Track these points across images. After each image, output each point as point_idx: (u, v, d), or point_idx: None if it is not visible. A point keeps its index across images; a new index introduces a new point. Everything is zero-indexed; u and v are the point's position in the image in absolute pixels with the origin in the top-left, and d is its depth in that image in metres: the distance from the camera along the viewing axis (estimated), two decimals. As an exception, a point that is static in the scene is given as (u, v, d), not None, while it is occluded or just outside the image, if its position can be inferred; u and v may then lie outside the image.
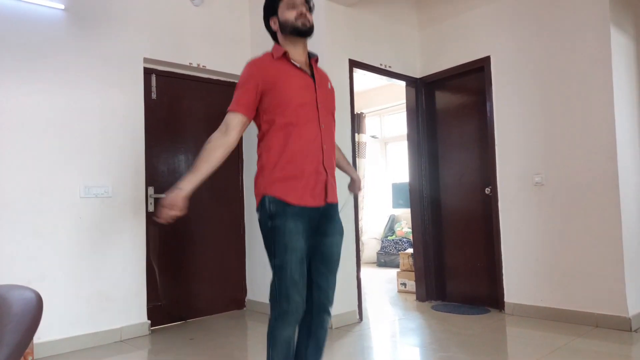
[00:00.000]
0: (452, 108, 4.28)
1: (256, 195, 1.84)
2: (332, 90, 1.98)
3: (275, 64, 1.85)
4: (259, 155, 1.86)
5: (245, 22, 4.20)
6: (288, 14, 1.85)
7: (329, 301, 1.87)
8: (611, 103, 3.20)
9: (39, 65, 3.12)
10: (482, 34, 3.93)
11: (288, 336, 1.73)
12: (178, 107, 3.92)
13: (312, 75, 1.89)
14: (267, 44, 1.99)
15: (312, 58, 1.95)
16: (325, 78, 1.98)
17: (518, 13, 3.70)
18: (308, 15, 1.87)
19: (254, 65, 1.86)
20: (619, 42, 3.32)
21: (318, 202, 1.80)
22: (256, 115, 1.86)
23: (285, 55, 1.86)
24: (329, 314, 1.88)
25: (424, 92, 4.41)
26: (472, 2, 4.00)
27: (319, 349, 1.87)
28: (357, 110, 7.01)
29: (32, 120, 3.08)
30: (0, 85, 2.98)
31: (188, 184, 1.71)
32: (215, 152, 1.74)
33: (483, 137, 3.98)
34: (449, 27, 4.19)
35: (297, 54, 1.89)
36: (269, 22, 1.95)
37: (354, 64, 3.81)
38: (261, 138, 1.86)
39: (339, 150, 2.20)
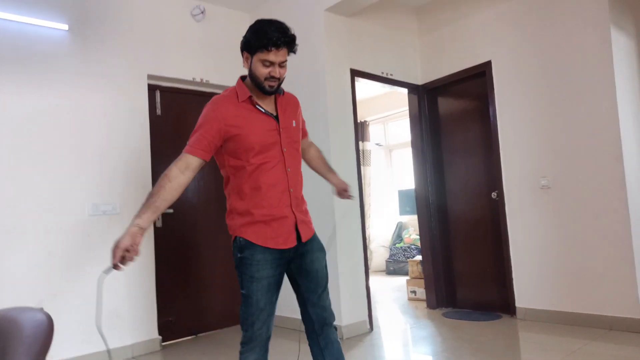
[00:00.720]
0: (455, 113, 4.28)
1: (231, 235, 1.86)
2: (296, 128, 1.92)
3: (239, 107, 1.81)
4: (227, 197, 1.86)
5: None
6: (260, 70, 1.77)
7: (327, 313, 1.87)
8: (614, 103, 3.19)
9: (44, 85, 3.17)
10: (483, 39, 3.94)
11: None
12: (183, 122, 3.95)
13: (277, 117, 1.85)
14: None
15: (277, 94, 1.89)
16: (291, 114, 1.92)
17: (517, 17, 3.71)
18: (280, 72, 1.79)
19: (217, 108, 1.80)
20: (619, 42, 3.31)
21: (289, 244, 1.80)
22: (219, 155, 1.84)
23: (250, 100, 1.82)
24: (330, 325, 1.88)
25: (427, 99, 4.42)
26: (471, 8, 4.02)
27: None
28: (360, 118, 7.02)
29: (38, 140, 3.12)
30: (5, 105, 3.02)
31: (147, 222, 1.64)
32: (174, 192, 1.72)
33: (487, 141, 3.97)
34: (449, 33, 4.21)
35: (261, 100, 1.85)
36: (242, 52, 1.87)
37: (355, 74, 3.83)
38: (227, 181, 1.86)
39: (320, 156, 2.18)
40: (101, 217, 3.30)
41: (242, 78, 1.89)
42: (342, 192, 2.14)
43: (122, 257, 1.57)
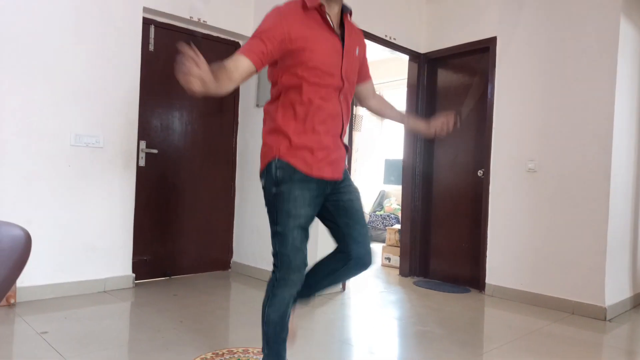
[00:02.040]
0: (454, 87, 4.24)
1: (263, 157, 1.71)
2: (359, 57, 1.79)
3: (305, 17, 1.63)
4: (273, 113, 1.69)
5: (251, -20, 4.07)
6: None
7: (368, 257, 1.75)
8: (612, 96, 3.19)
9: (35, 8, 3.00)
10: (490, 13, 3.86)
11: (287, 297, 1.69)
12: (176, 60, 3.82)
13: (342, 38, 1.70)
14: (273, 2, 1.81)
15: (345, 12, 1.73)
16: (355, 40, 1.77)
17: (530, -5, 3.63)
18: None
19: (282, 15, 1.62)
20: (627, 33, 3.28)
21: (333, 175, 1.70)
22: (273, 69, 1.68)
23: (320, 9, 1.64)
24: (363, 267, 1.76)
25: (427, 68, 4.35)
26: (484, -20, 3.92)
27: (333, 284, 1.85)
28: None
29: (23, 62, 2.99)
30: (-7, 22, 2.87)
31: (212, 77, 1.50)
32: (226, 83, 1.52)
33: (481, 119, 3.96)
34: (457, 3, 4.11)
35: (330, 7, 1.67)
36: None
37: (359, 33, 3.73)
38: (277, 96, 1.69)
39: (391, 106, 2.07)
40: (83, 148, 3.23)
41: None
42: (439, 126, 1.98)
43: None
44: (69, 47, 3.15)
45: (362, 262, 1.75)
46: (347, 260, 1.74)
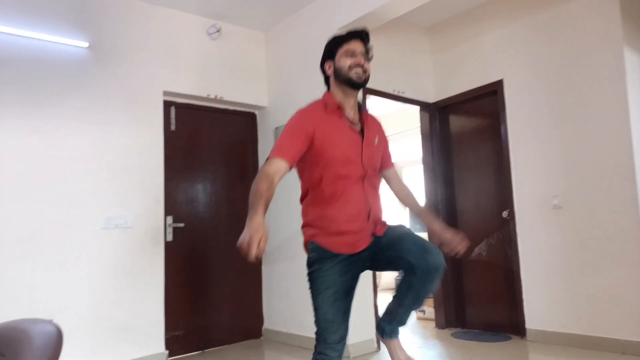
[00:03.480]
0: (467, 132, 4.28)
1: (304, 244, 1.86)
2: (378, 146, 1.92)
3: (327, 118, 1.81)
4: (304, 209, 1.86)
5: (261, 55, 4.32)
6: (344, 61, 1.81)
7: (430, 256, 1.62)
8: (627, 123, 3.17)
9: (63, 100, 3.26)
10: (494, 57, 3.96)
11: None
12: (197, 137, 4.02)
13: (362, 131, 1.85)
14: (284, 75, 1.95)
15: (362, 111, 1.91)
16: (374, 132, 1.93)
17: (529, 36, 3.73)
18: (365, 65, 1.82)
19: (308, 116, 1.80)
20: (632, 61, 3.30)
21: (361, 247, 1.77)
22: (299, 165, 1.82)
23: (339, 110, 1.83)
24: (432, 271, 1.62)
25: (438, 117, 4.43)
26: (483, 27, 4.05)
27: (417, 301, 1.73)
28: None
29: (56, 154, 3.19)
30: (27, 122, 3.11)
31: (262, 216, 1.55)
32: (271, 193, 1.64)
33: (499, 160, 3.96)
34: (461, 52, 4.24)
35: (347, 105, 1.86)
36: (324, 64, 1.92)
37: (367, 92, 3.87)
38: (305, 193, 1.85)
39: (414, 200, 2.10)
40: (113, 230, 3.36)
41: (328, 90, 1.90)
42: (446, 242, 1.89)
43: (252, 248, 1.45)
44: (96, 134, 3.36)
45: (427, 264, 1.62)
46: (414, 271, 1.64)
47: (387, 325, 1.82)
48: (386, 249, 1.78)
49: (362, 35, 1.87)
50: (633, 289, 3.10)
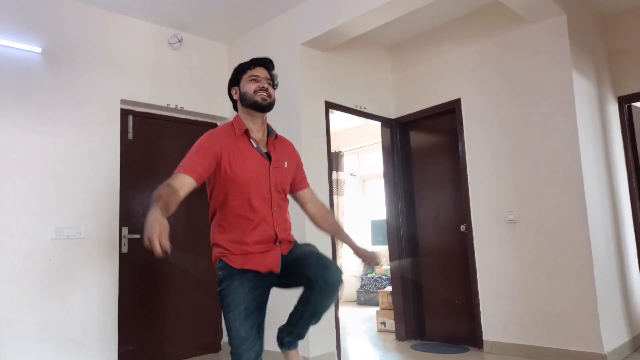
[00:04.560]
0: (427, 148, 4.38)
1: (212, 262, 1.92)
2: (288, 170, 1.97)
3: (235, 140, 1.86)
4: (212, 231, 1.90)
5: (223, 66, 4.29)
6: (249, 86, 1.89)
7: (329, 272, 1.69)
8: (576, 142, 3.33)
9: (13, 107, 3.11)
10: (452, 77, 4.09)
11: None
12: (155, 147, 3.93)
13: (269, 156, 1.91)
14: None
15: (270, 136, 1.96)
16: (283, 156, 1.97)
17: (484, 58, 3.87)
18: (270, 90, 1.91)
19: (216, 137, 1.85)
20: (581, 85, 3.48)
21: (270, 269, 1.82)
22: (208, 187, 1.89)
23: (246, 133, 1.88)
24: (329, 287, 1.69)
25: (399, 132, 4.52)
26: (441, 48, 4.18)
27: (315, 317, 1.78)
28: (335, 148, 7.10)
29: (3, 162, 3.04)
30: (-28, 127, 2.95)
31: (154, 211, 1.52)
32: (175, 202, 1.64)
33: (457, 176, 4.06)
34: (420, 71, 4.35)
35: (254, 129, 1.92)
36: (230, 90, 2.00)
37: (330, 106, 3.90)
38: (213, 213, 1.90)
39: (332, 220, 2.20)
40: (65, 241, 3.21)
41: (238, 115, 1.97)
42: (367, 261, 2.13)
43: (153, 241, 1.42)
44: (48, 142, 3.23)
45: (325, 280, 1.68)
46: (313, 287, 1.70)
47: (286, 337, 1.88)
48: (291, 266, 1.84)
49: (265, 63, 1.97)
50: (582, 302, 3.23)
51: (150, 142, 3.90)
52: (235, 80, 1.97)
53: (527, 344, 3.47)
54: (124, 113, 3.71)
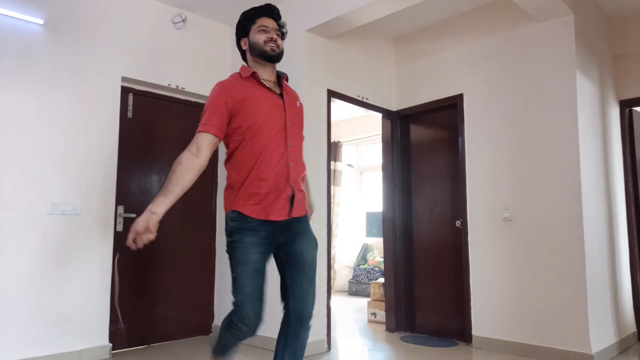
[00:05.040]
0: (426, 141, 4.37)
1: (224, 211, 1.90)
2: (300, 108, 2.02)
3: (243, 83, 1.88)
4: (228, 173, 1.90)
5: (226, 48, 4.25)
6: (258, 37, 1.91)
7: (305, 310, 1.83)
8: (576, 144, 3.33)
9: (13, 78, 3.08)
10: (456, 72, 4.07)
11: (233, 342, 1.82)
12: (154, 127, 3.90)
13: (281, 95, 1.94)
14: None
15: (282, 77, 2.00)
16: (294, 97, 2.02)
17: (489, 54, 3.85)
18: (278, 40, 1.93)
19: (223, 86, 1.87)
20: (584, 87, 3.48)
21: (280, 216, 1.82)
22: (225, 135, 1.89)
23: (253, 75, 1.89)
24: (304, 324, 1.84)
25: (399, 125, 4.51)
26: (446, 42, 4.16)
27: (296, 358, 1.83)
28: (334, 138, 7.09)
29: (0, 132, 3.01)
30: (-29, 97, 2.92)
31: (160, 207, 1.67)
32: (187, 174, 1.72)
33: (455, 171, 4.07)
34: (424, 64, 4.33)
35: (265, 75, 1.94)
36: (239, 41, 2.00)
37: (331, 94, 3.88)
38: (229, 156, 1.90)
39: (306, 183, 2.20)
40: (60, 216, 3.20)
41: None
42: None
43: (134, 239, 1.62)
44: (46, 116, 3.20)
45: (299, 316, 1.80)
46: (288, 318, 1.82)
47: None
48: (288, 261, 1.85)
49: (273, 13, 1.97)
50: (573, 302, 3.26)
51: (150, 122, 3.88)
52: (243, 30, 1.97)
53: (516, 340, 3.50)
54: (124, 91, 3.68)
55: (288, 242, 1.86)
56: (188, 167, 1.72)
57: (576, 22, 3.42)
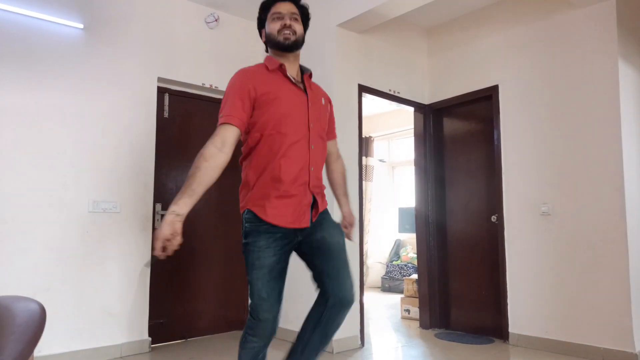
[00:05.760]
0: (460, 135, 4.30)
1: (240, 209, 1.82)
2: (325, 107, 1.90)
3: (269, 76, 1.76)
4: (244, 170, 1.80)
5: (258, 45, 4.29)
6: (272, 26, 1.78)
7: (346, 292, 1.72)
8: (618, 135, 3.21)
9: (55, 81, 3.21)
10: (491, 63, 3.98)
11: (257, 347, 1.75)
12: (189, 125, 3.99)
13: (306, 91, 1.81)
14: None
15: (305, 73, 1.87)
16: (318, 94, 1.89)
17: (526, 43, 3.75)
18: (294, 26, 1.77)
19: (246, 74, 1.74)
20: (627, 74, 3.34)
21: (298, 224, 1.73)
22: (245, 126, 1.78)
23: (281, 68, 1.77)
24: (345, 308, 1.73)
25: (432, 118, 4.45)
26: (480, 32, 4.07)
27: (324, 339, 1.77)
28: (365, 133, 7.06)
29: (45, 134, 3.15)
30: (17, 100, 3.06)
31: (185, 208, 1.55)
32: (213, 172, 1.61)
33: (490, 164, 3.98)
34: (458, 55, 4.25)
35: (288, 67, 1.81)
36: (261, 34, 1.91)
37: (363, 89, 3.87)
38: (247, 152, 1.78)
39: (343, 174, 2.14)
40: (101, 214, 3.32)
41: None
42: (347, 225, 2.07)
43: (163, 247, 1.52)
44: (87, 117, 3.32)
45: (339, 298, 1.71)
46: (326, 301, 1.72)
47: None
48: (312, 250, 1.76)
49: None
50: (615, 299, 3.14)
51: (185, 121, 3.97)
52: (261, 22, 1.87)
53: (555, 338, 3.41)
54: (161, 91, 3.77)
55: (308, 235, 1.76)
56: (214, 164, 1.60)
57: (618, 6, 3.28)
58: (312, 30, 3.83)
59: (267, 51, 1.92)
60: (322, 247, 1.75)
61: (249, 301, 1.75)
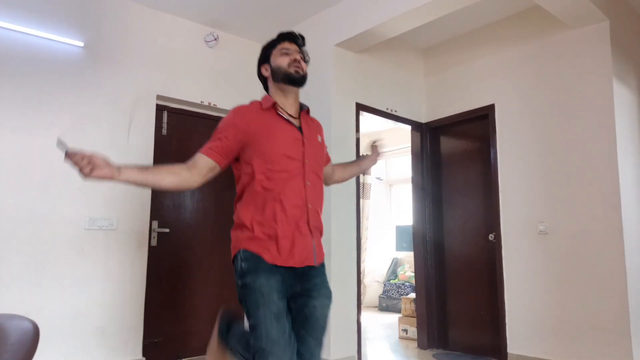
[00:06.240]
0: (457, 153, 4.32)
1: (232, 250, 1.74)
2: (322, 144, 1.89)
3: (262, 114, 1.74)
4: (238, 211, 1.74)
5: (256, 64, 4.33)
6: (281, 60, 1.79)
7: (314, 355, 1.66)
8: (614, 154, 3.23)
9: (55, 99, 3.22)
10: (487, 82, 4.02)
11: None
12: (187, 143, 4.00)
13: (300, 128, 1.79)
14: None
15: (303, 110, 1.87)
16: (315, 130, 1.88)
17: (522, 64, 3.79)
18: (302, 63, 1.80)
19: (238, 114, 1.75)
20: (621, 95, 3.38)
21: (297, 262, 1.66)
22: (237, 166, 1.77)
23: (274, 107, 1.77)
24: None
25: (429, 137, 4.47)
26: (476, 52, 4.12)
27: None
28: (362, 151, 7.07)
29: (42, 152, 3.15)
30: (14, 117, 3.07)
31: (128, 175, 1.55)
32: (170, 177, 1.61)
33: (487, 183, 3.99)
34: (454, 74, 4.30)
35: (287, 105, 1.81)
36: (260, 69, 1.90)
37: (360, 107, 3.89)
38: (240, 192, 1.75)
39: (340, 165, 2.19)
40: (97, 231, 3.30)
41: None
42: (374, 150, 2.24)
43: (88, 161, 1.55)
44: (85, 135, 3.32)
45: None
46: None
47: None
48: (299, 316, 1.68)
49: (295, 38, 1.87)
50: (614, 318, 3.12)
51: (184, 138, 3.98)
52: (264, 57, 1.88)
53: (553, 358, 3.37)
54: (159, 109, 3.79)
55: (303, 295, 1.69)
56: (172, 173, 1.61)
57: (612, 28, 3.34)
58: (310, 50, 3.87)
59: (265, 88, 1.92)
60: (310, 318, 1.69)
61: (255, 350, 1.57)
